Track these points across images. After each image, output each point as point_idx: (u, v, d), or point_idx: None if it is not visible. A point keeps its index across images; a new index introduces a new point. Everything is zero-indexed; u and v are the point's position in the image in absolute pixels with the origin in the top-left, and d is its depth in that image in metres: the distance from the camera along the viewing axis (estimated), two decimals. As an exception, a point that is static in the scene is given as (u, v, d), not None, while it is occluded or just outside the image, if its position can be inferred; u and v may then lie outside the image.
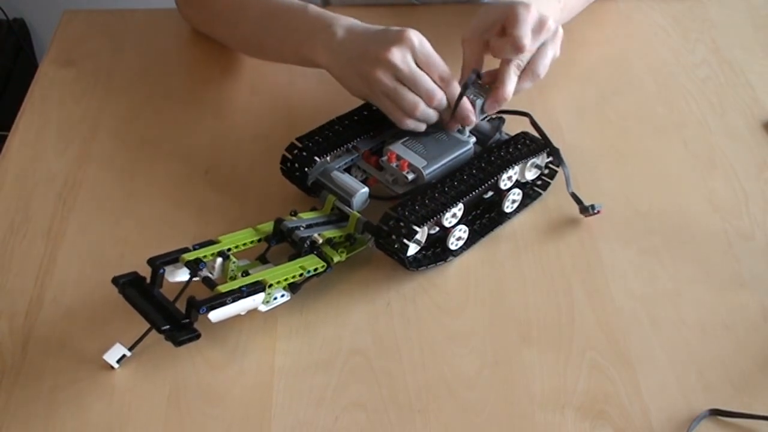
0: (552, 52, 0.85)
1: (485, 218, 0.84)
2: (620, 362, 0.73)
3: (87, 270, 0.80)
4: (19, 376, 0.72)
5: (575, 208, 0.85)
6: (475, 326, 0.76)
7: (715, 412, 0.69)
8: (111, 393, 0.71)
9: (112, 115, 0.97)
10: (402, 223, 0.76)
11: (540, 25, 0.82)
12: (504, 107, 0.85)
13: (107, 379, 0.71)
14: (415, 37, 0.82)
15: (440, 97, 0.83)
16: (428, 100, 0.83)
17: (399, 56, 0.81)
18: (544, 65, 0.85)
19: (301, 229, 0.77)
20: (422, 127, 0.84)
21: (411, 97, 0.82)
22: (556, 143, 0.86)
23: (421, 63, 0.83)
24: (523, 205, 0.86)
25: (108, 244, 0.83)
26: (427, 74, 0.83)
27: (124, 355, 0.72)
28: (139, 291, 0.71)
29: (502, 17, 0.83)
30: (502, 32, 0.83)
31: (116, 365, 0.71)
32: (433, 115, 0.84)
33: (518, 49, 0.81)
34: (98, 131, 0.95)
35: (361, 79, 0.84)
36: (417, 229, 0.75)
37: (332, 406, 0.70)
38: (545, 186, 0.87)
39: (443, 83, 0.83)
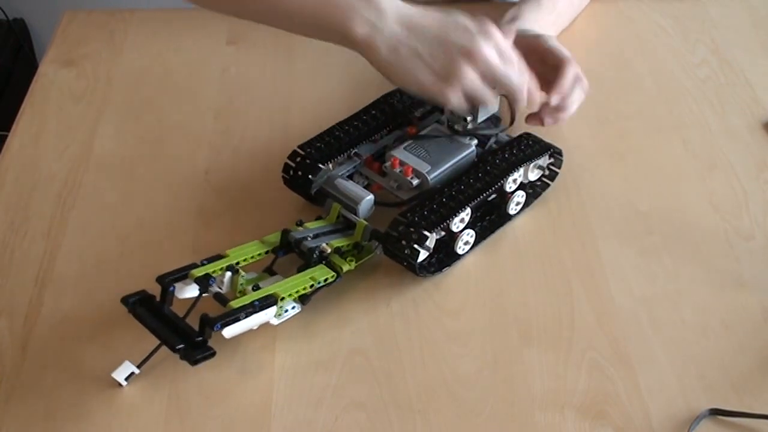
0: (580, 96, 0.86)
1: (487, 220, 0.84)
2: (620, 362, 0.73)
3: (87, 270, 0.80)
4: (19, 376, 0.72)
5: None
6: (475, 326, 0.76)
7: (715, 412, 0.69)
8: (111, 393, 0.71)
9: (112, 115, 0.97)
10: (412, 229, 0.75)
11: (578, 77, 0.85)
12: None
13: (107, 379, 0.71)
14: (496, 29, 0.77)
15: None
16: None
17: (489, 51, 0.75)
18: (573, 108, 0.86)
19: (309, 239, 0.77)
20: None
21: (490, 92, 0.79)
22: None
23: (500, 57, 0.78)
24: (525, 205, 0.86)
25: (108, 244, 0.83)
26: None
27: (132, 373, 0.71)
28: (150, 309, 0.70)
29: (546, 55, 0.85)
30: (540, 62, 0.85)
31: (125, 383, 0.71)
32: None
33: (562, 96, 0.83)
34: (98, 131, 0.95)
35: (437, 71, 0.75)
36: (428, 234, 0.75)
37: (332, 406, 0.70)
38: (545, 186, 0.87)
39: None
